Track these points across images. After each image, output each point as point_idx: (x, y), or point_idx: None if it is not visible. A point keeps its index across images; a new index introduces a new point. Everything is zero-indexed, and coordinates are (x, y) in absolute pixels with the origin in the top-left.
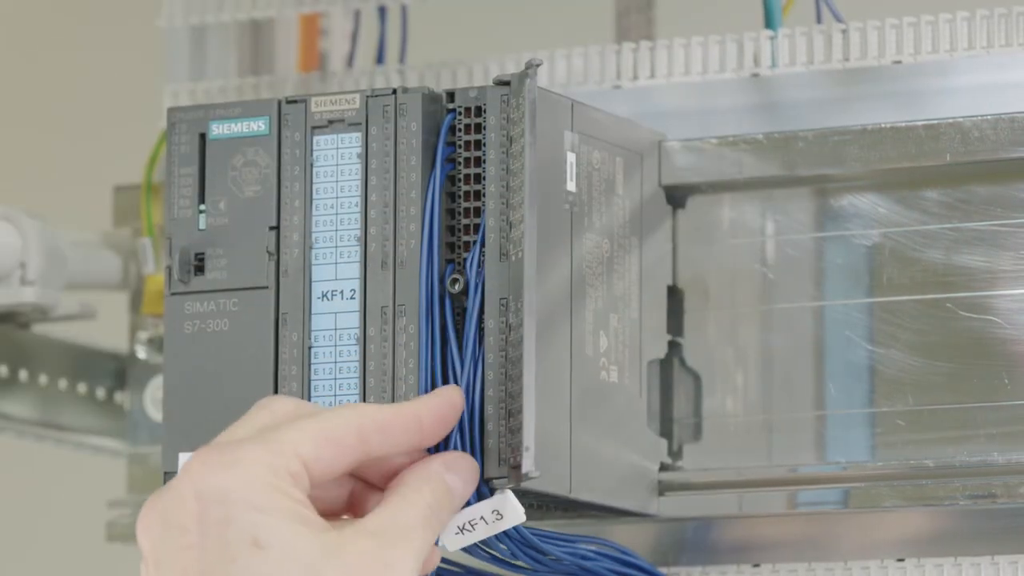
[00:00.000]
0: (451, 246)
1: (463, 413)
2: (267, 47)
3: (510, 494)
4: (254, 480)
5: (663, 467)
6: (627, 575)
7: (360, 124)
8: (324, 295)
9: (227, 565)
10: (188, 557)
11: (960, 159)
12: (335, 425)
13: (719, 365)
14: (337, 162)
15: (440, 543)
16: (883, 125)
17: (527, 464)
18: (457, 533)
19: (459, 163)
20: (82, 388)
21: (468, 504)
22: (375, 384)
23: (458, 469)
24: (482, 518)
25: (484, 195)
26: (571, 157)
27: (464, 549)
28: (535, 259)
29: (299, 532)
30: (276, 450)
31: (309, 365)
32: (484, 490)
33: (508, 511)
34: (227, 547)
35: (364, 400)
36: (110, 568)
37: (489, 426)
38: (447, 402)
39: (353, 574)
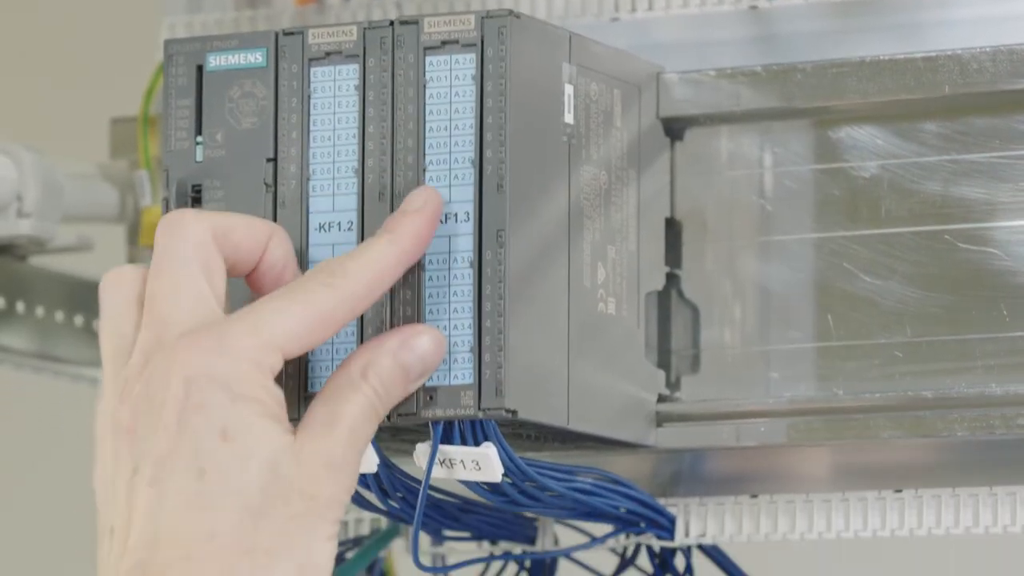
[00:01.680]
0: None
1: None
2: None
3: (493, 452)
4: (241, 374)
5: (661, 398)
6: (625, 507)
7: (358, 56)
8: (321, 227)
9: (195, 455)
10: (161, 437)
11: (959, 91)
12: (322, 310)
13: (717, 297)
14: (335, 94)
15: (416, 459)
16: (881, 57)
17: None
18: (438, 463)
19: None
20: (79, 320)
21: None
22: (373, 315)
23: (416, 347)
24: (462, 462)
25: (482, 127)
26: (569, 89)
27: (461, 481)
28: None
29: (266, 429)
30: (265, 343)
31: None
32: (479, 427)
33: (487, 467)
34: (198, 433)
35: (362, 336)
36: None
37: (486, 357)
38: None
39: (304, 473)
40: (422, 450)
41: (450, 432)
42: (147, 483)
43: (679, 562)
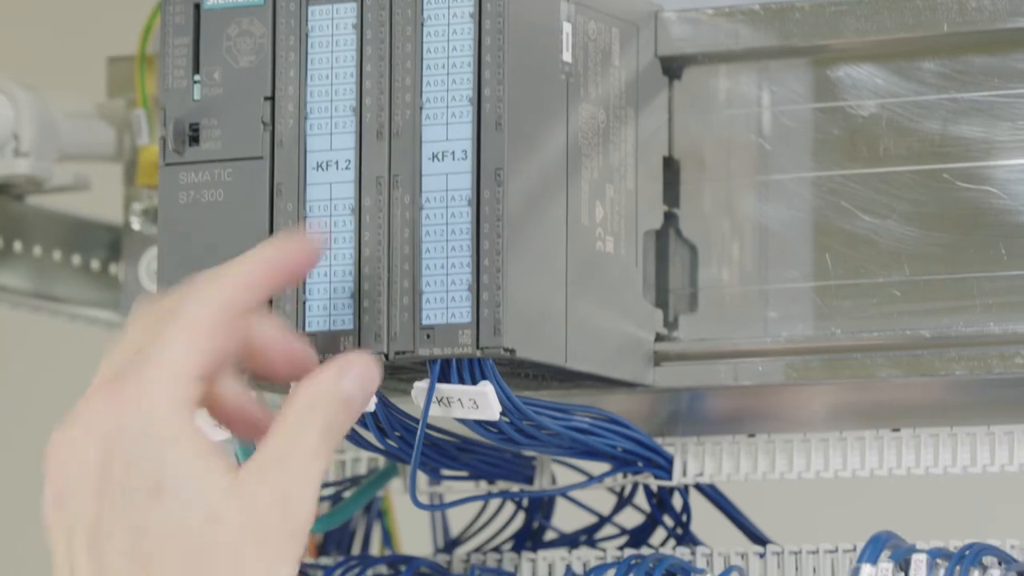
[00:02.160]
0: None
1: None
2: None
3: (491, 390)
4: (158, 416)
5: (659, 337)
6: (622, 446)
7: None
8: (319, 165)
9: (128, 515)
10: (89, 503)
11: (958, 29)
12: (209, 312)
13: (715, 236)
14: (332, 32)
15: (414, 397)
16: None
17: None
18: (436, 402)
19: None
20: (76, 260)
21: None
22: (370, 254)
23: (353, 374)
24: (459, 400)
25: (480, 65)
26: (567, 27)
27: (459, 420)
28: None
29: (201, 475)
30: (173, 375)
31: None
32: (476, 366)
33: (484, 405)
34: (128, 492)
35: (360, 271)
36: None
37: (484, 296)
38: (296, 245)
39: (253, 513)
40: (420, 388)
41: (448, 371)
42: (85, 552)
43: (676, 501)
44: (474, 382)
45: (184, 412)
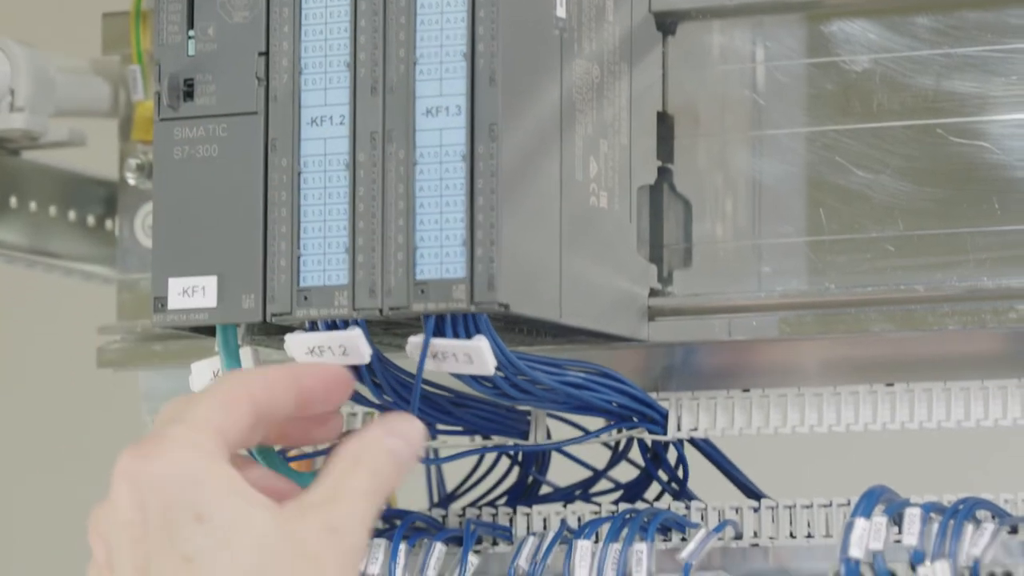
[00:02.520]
0: None
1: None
2: None
3: (485, 345)
4: (185, 458)
5: (653, 292)
6: (617, 401)
7: None
8: (313, 121)
9: (175, 545)
10: (138, 551)
11: None
12: (224, 390)
13: (709, 191)
14: None
15: (409, 352)
16: None
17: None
18: (431, 357)
19: None
20: (72, 215)
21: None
22: (364, 209)
23: (399, 432)
24: (454, 355)
25: (474, 20)
26: None
27: (454, 375)
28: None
29: (241, 504)
30: (194, 429)
31: (298, 191)
32: (471, 321)
33: (479, 360)
34: (171, 527)
35: (354, 226)
36: (100, 394)
37: (478, 251)
38: (330, 370)
39: (303, 542)
40: (415, 343)
41: (442, 326)
42: None
43: (671, 456)
44: (469, 337)
45: (214, 455)
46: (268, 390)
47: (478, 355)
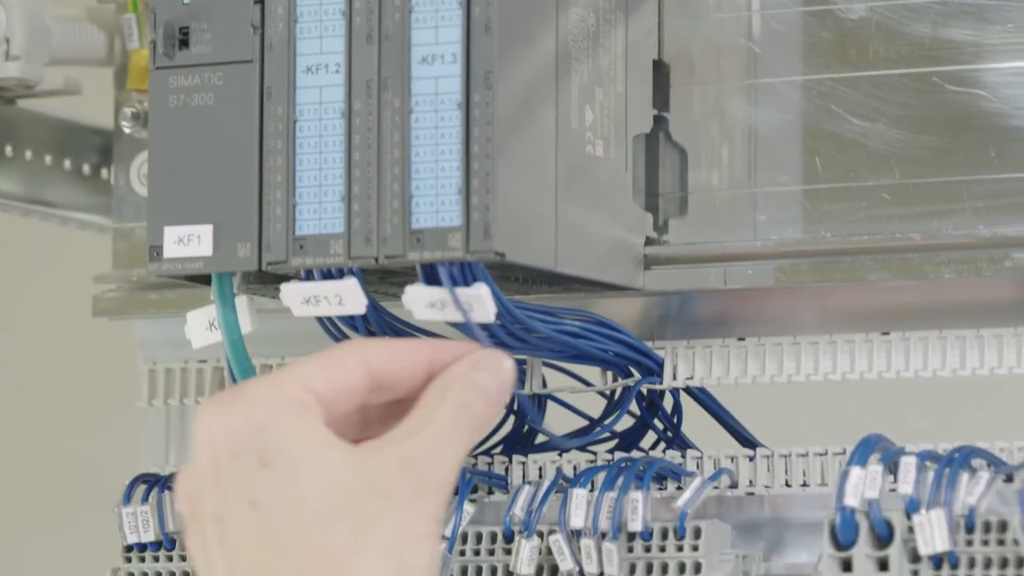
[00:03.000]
0: None
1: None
2: None
3: (486, 292)
4: (255, 407)
5: (648, 241)
6: (615, 351)
7: None
8: (309, 69)
9: (243, 493)
10: (213, 501)
11: None
12: (331, 351)
13: (705, 139)
14: None
15: (405, 302)
16: None
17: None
18: (428, 306)
19: None
20: (67, 164)
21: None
22: (360, 158)
23: (488, 367)
24: (453, 303)
25: None
26: None
27: (451, 324)
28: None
29: (309, 447)
30: (278, 381)
31: (294, 139)
32: (467, 269)
33: (478, 307)
34: (239, 475)
35: (350, 175)
36: (95, 342)
37: (474, 199)
38: (467, 347)
39: (375, 476)
40: (411, 292)
41: (439, 275)
42: (217, 543)
43: (667, 405)
44: (467, 285)
45: (290, 406)
46: (391, 358)
47: (478, 303)
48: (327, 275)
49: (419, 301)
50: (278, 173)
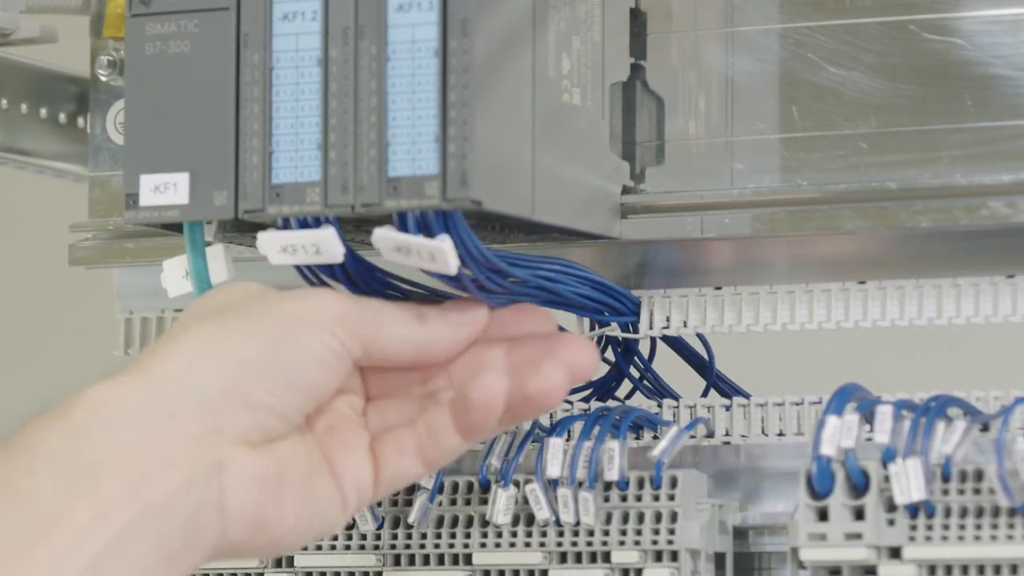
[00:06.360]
0: None
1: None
2: None
3: (449, 245)
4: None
5: (625, 190)
6: (591, 295)
7: None
8: (285, 16)
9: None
10: None
11: None
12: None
13: (682, 88)
14: None
15: (374, 242)
16: None
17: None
18: (397, 251)
19: None
20: (44, 112)
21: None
22: (336, 106)
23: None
24: (419, 252)
25: None
26: None
27: (427, 272)
28: None
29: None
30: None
31: (270, 87)
32: (444, 217)
33: (440, 259)
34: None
35: (326, 123)
36: (71, 291)
37: (451, 147)
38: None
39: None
40: (379, 235)
41: (413, 222)
42: None
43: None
44: (445, 231)
45: (272, 290)
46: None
47: (440, 255)
48: (304, 224)
49: (385, 244)
50: (254, 121)
